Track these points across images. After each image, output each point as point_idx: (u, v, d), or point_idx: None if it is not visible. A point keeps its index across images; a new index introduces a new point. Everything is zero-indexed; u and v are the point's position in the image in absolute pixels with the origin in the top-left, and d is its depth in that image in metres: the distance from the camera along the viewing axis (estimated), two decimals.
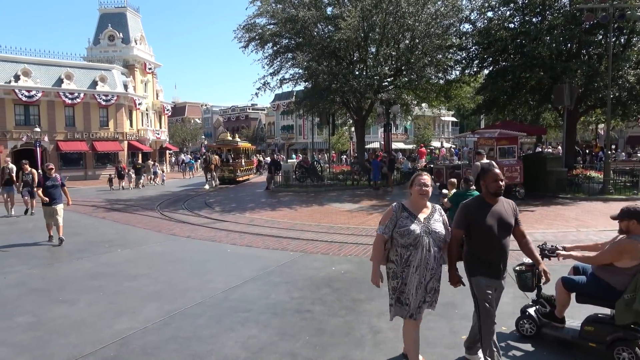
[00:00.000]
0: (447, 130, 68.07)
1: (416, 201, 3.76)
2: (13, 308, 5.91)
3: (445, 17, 19.68)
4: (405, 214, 3.70)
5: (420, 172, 3.90)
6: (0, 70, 33.53)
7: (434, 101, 25.05)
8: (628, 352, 4.00)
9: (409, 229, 3.60)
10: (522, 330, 4.80)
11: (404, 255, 3.66)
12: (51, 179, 10.20)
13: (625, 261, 4.11)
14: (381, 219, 3.80)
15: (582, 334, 4.39)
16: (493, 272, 3.84)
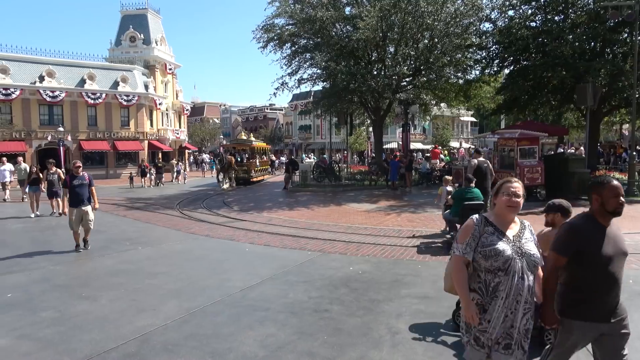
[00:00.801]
0: (466, 131, 67.37)
1: (503, 214, 2.96)
2: (37, 303, 6.05)
3: (465, 16, 19.48)
4: (490, 229, 2.92)
5: (510, 178, 3.06)
6: (26, 71, 34.36)
7: (453, 101, 24.82)
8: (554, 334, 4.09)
9: (496, 248, 2.82)
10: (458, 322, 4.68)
11: (491, 283, 2.84)
12: (78, 177, 9.30)
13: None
14: (458, 235, 3.06)
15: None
16: (598, 312, 2.98)
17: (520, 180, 12.00)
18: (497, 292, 2.81)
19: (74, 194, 9.15)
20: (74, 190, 9.15)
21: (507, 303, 2.81)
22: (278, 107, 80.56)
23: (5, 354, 4.52)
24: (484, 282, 2.87)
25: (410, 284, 6.59)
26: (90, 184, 9.44)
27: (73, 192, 9.15)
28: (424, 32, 20.22)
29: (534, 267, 2.89)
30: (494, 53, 19.95)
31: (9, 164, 19.90)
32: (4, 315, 5.59)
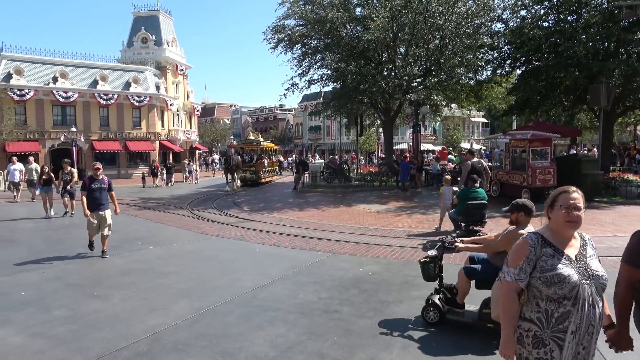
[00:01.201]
0: (477, 132, 66.91)
1: (561, 231, 2.53)
2: (50, 302, 6.12)
3: (477, 16, 19.35)
4: (548, 250, 2.48)
5: (568, 187, 2.63)
6: (40, 73, 34.82)
7: (464, 102, 24.66)
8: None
9: (560, 273, 2.38)
10: (427, 317, 5.13)
11: (554, 313, 2.40)
12: (98, 180, 8.81)
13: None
14: (509, 257, 2.60)
15: (480, 316, 4.86)
16: None
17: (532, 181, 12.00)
18: (563, 325, 2.38)
19: (92, 198, 8.67)
20: (92, 194, 8.68)
21: (578, 337, 2.38)
22: (288, 107, 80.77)
23: (19, 351, 4.58)
24: (544, 312, 2.42)
25: (420, 286, 6.54)
26: (109, 188, 8.97)
27: (91, 196, 8.67)
28: (434, 33, 20.12)
29: (603, 290, 2.46)
30: (506, 53, 19.78)
31: (20, 164, 19.90)
32: (18, 313, 5.67)
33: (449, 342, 4.71)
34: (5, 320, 5.44)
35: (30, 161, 19.43)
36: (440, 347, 4.60)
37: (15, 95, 32.69)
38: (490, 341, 4.51)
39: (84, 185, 8.81)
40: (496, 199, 15.82)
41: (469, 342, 4.68)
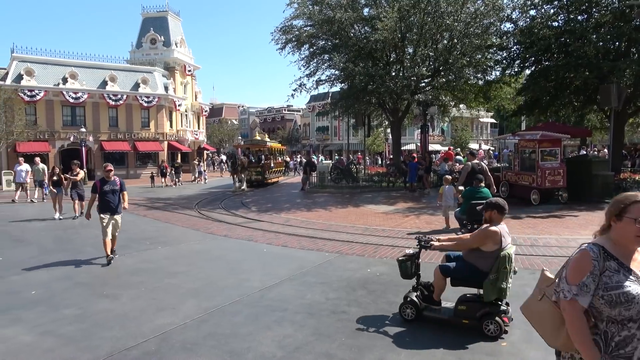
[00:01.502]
0: (486, 132, 66.56)
1: (627, 245, 2.19)
2: (60, 300, 6.17)
3: (486, 16, 19.25)
4: (612, 264, 2.15)
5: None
6: (50, 73, 35.14)
7: (473, 102, 24.53)
8: (493, 324, 4.75)
9: (628, 292, 2.06)
10: (404, 315, 5.25)
11: (614, 336, 2.11)
12: (110, 182, 8.45)
13: (489, 245, 4.85)
14: (568, 272, 2.21)
15: (456, 312, 5.03)
16: None
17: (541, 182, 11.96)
18: (625, 350, 2.09)
19: (104, 200, 8.31)
20: (104, 197, 8.32)
21: None
22: (296, 108, 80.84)
23: (29, 350, 4.62)
24: (602, 334, 2.14)
25: None
26: (121, 189, 8.61)
27: (103, 199, 8.31)
28: (443, 33, 20.04)
29: None
30: (515, 53, 19.64)
31: (26, 165, 19.87)
32: (28, 312, 5.72)
33: (458, 344, 4.67)
34: (16, 319, 5.49)
35: (36, 162, 19.37)
36: (449, 349, 4.57)
37: (25, 95, 33.02)
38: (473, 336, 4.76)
39: (94, 187, 8.39)
40: (505, 200, 15.72)
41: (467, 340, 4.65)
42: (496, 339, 4.73)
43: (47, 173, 19.58)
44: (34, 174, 19.37)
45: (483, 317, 4.82)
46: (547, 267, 6.48)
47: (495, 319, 4.76)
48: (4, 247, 10.02)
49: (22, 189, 19.37)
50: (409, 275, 5.39)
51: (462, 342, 4.68)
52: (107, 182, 8.43)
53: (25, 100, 33.14)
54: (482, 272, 4.84)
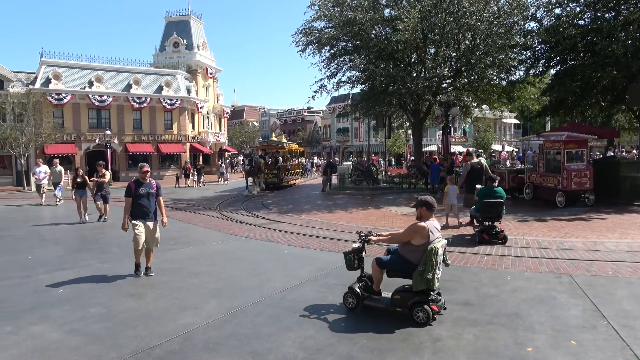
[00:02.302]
0: (509, 133, 65.48)
1: None
2: (86, 299, 6.30)
3: (509, 15, 18.93)
4: None
5: None
6: (77, 77, 36.03)
7: (496, 103, 24.15)
8: (422, 312, 5.17)
9: None
10: (347, 303, 5.73)
11: None
12: (145, 185, 7.59)
13: (417, 239, 5.31)
14: None
15: (392, 302, 5.48)
16: None
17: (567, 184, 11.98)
18: None
19: (138, 205, 7.45)
20: (139, 201, 7.46)
21: None
22: (316, 110, 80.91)
23: (56, 347, 4.73)
24: None
25: (451, 290, 6.45)
26: (158, 193, 7.76)
27: (138, 203, 7.45)
28: (465, 33, 19.80)
29: None
30: (540, 53, 19.25)
31: (44, 166, 19.86)
32: (56, 310, 5.86)
33: (483, 348, 4.60)
34: (44, 317, 5.63)
35: (55, 164, 19.25)
36: (475, 354, 4.50)
37: (53, 99, 33.94)
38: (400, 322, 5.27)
39: (128, 190, 7.48)
40: (529, 203, 15.45)
41: (513, 350, 4.57)
42: (424, 326, 5.15)
43: (63, 175, 19.66)
44: (52, 176, 19.23)
45: (413, 305, 5.25)
46: (573, 271, 6.42)
47: (424, 307, 5.18)
48: (33, 246, 10.30)
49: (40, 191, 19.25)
50: (353, 267, 5.89)
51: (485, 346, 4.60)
52: (142, 184, 7.58)
53: (53, 104, 34.06)
54: (413, 264, 5.30)
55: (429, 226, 5.32)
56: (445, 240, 5.59)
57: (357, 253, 5.86)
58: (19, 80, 34.46)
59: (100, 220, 13.61)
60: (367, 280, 5.82)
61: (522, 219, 12.39)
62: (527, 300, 5.95)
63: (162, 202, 7.90)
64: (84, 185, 14.15)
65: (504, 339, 4.78)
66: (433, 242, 5.26)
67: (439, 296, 5.38)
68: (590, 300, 5.87)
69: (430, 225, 5.37)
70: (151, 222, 7.53)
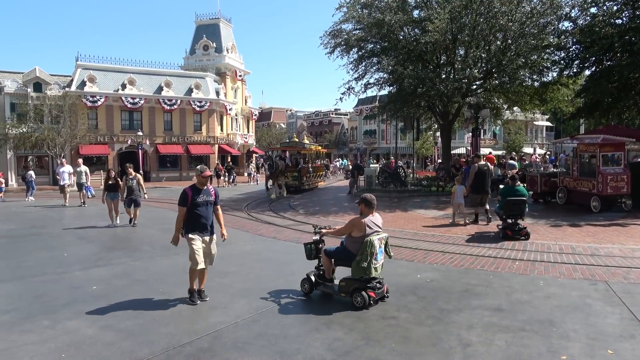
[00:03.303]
0: (541, 136, 63.91)
1: None
2: (120, 296, 6.46)
3: (542, 15, 18.49)
4: None
5: None
6: (111, 80, 37.08)
7: (527, 105, 23.59)
8: (360, 297, 5.80)
9: None
10: (303, 289, 6.43)
11: None
12: (203, 192, 6.25)
13: (356, 232, 5.94)
14: None
15: (339, 288, 6.14)
16: None
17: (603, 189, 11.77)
18: None
19: (196, 216, 6.18)
20: (196, 211, 6.17)
21: None
22: (343, 112, 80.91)
23: (91, 342, 4.86)
24: None
25: (481, 295, 6.34)
26: (216, 202, 6.48)
27: (195, 214, 6.17)
28: (496, 34, 19.45)
29: None
30: (574, 53, 18.73)
31: (68, 166, 19.64)
32: (91, 306, 6.02)
33: (516, 355, 4.50)
34: (79, 312, 5.79)
35: (79, 163, 19.11)
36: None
37: (88, 101, 35.04)
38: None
39: (184, 198, 6.15)
40: (562, 207, 15.04)
41: (547, 358, 4.46)
42: (361, 309, 5.74)
43: (88, 175, 19.45)
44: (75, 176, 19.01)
45: (354, 291, 5.89)
46: (609, 278, 6.26)
47: (361, 293, 5.81)
48: (69, 243, 10.64)
49: (64, 191, 18.97)
50: (311, 257, 6.55)
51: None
52: (200, 191, 6.23)
53: (88, 106, 35.17)
54: (353, 254, 5.93)
55: (366, 221, 5.94)
56: (386, 234, 6.18)
57: (316, 244, 6.51)
58: (56, 83, 35.70)
59: (130, 224, 13.14)
60: (322, 269, 6.43)
61: (554, 224, 12.08)
62: (561, 307, 5.79)
63: (220, 212, 6.73)
64: (115, 187, 13.50)
65: (537, 346, 4.66)
66: (370, 235, 5.86)
67: (379, 284, 6.01)
68: (628, 309, 5.67)
69: (369, 220, 5.98)
70: (208, 236, 6.34)
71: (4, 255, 9.44)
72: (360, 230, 5.89)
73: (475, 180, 12.44)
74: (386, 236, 6.13)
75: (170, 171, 39.27)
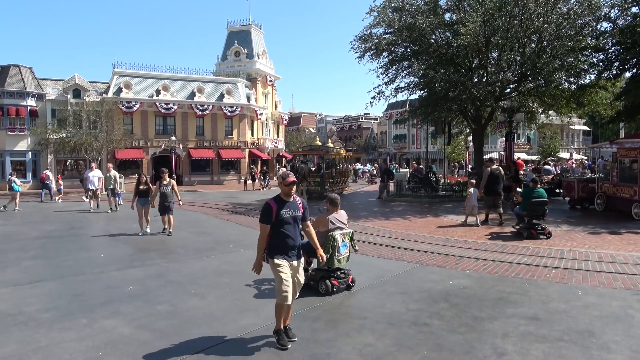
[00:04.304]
0: (578, 140, 62.03)
1: None
2: (154, 297, 6.60)
3: (580, 16, 17.93)
4: None
5: None
6: (145, 86, 38.08)
7: (564, 108, 22.90)
8: (324, 285, 6.63)
9: None
10: None
11: None
12: (289, 204, 4.97)
13: (321, 227, 6.74)
14: None
15: (310, 277, 6.83)
16: None
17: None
18: None
19: (281, 235, 4.88)
20: (282, 229, 4.89)
21: None
22: (372, 116, 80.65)
23: (127, 341, 4.98)
24: None
25: (517, 303, 6.17)
26: (304, 216, 5.16)
27: (280, 233, 4.89)
28: (531, 36, 18.97)
29: None
30: (614, 55, 18.11)
31: (98, 170, 19.16)
32: (127, 306, 6.18)
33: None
34: (116, 312, 5.95)
35: (109, 168, 18.61)
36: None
37: (124, 107, 36.06)
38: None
39: (267, 212, 4.90)
40: (601, 214, 14.54)
41: None
42: (325, 296, 6.52)
43: (118, 180, 18.75)
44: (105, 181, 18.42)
45: (319, 279, 6.69)
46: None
47: (325, 281, 6.61)
48: (105, 244, 10.95)
49: (94, 197, 18.51)
50: None
51: None
52: (285, 203, 4.95)
53: (124, 111, 36.20)
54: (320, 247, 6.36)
55: (330, 217, 6.78)
56: (351, 230, 7.05)
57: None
58: (93, 89, 36.93)
59: (165, 234, 12.29)
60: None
61: (593, 231, 11.67)
62: (601, 318, 5.58)
63: (312, 229, 5.45)
64: (147, 193, 12.63)
65: (576, 357, 4.50)
66: (333, 231, 6.67)
67: (343, 274, 6.82)
68: None
69: (332, 217, 6.82)
70: (296, 260, 4.96)
71: (45, 254, 9.80)
72: (325, 226, 6.72)
73: (488, 182, 13.34)
74: (350, 232, 6.99)
75: (202, 175, 39.94)
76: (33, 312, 5.95)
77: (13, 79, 33.87)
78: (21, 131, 33.79)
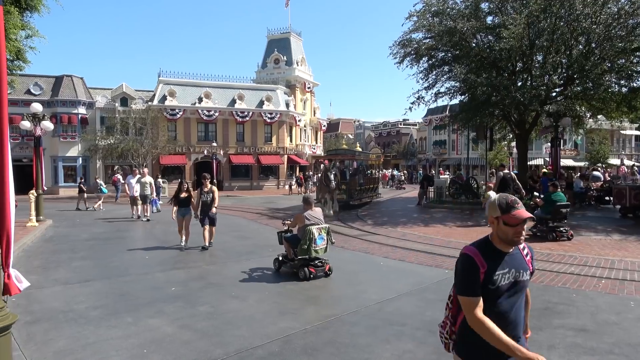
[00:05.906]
0: (629, 146, 59.08)
1: None
2: (196, 298, 6.75)
3: (631, 16, 17.13)
4: None
5: None
6: (189, 94, 39.25)
7: (614, 112, 21.90)
8: (302, 272, 7.73)
9: None
10: (274, 266, 8.55)
11: None
12: (511, 259, 2.47)
13: (299, 223, 8.00)
14: None
15: (294, 267, 8.03)
16: None
17: None
18: None
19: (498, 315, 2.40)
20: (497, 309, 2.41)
21: None
22: (412, 122, 79.72)
23: (170, 340, 5.12)
24: None
25: (563, 314, 5.94)
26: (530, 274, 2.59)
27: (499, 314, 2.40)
28: (578, 37, 18.29)
29: None
30: None
31: (139, 176, 17.48)
32: (170, 306, 6.35)
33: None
34: (160, 311, 6.13)
35: (143, 173, 17.49)
36: None
37: (168, 114, 37.26)
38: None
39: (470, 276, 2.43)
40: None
41: None
42: (303, 281, 7.63)
43: (153, 187, 17.92)
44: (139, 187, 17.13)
45: (300, 267, 7.84)
46: None
47: (304, 269, 7.75)
48: (151, 246, 11.31)
49: (135, 203, 17.45)
50: (280, 242, 8.69)
51: None
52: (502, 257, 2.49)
53: (168, 118, 37.42)
54: (299, 239, 7.92)
55: (306, 214, 7.97)
56: (327, 225, 8.28)
57: (285, 233, 8.64)
58: (140, 97, 38.36)
59: (206, 248, 10.70)
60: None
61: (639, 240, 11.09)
62: None
63: (529, 298, 2.75)
64: (188, 202, 11.12)
65: None
66: (310, 226, 7.79)
67: (320, 263, 8.01)
68: None
69: (308, 213, 8.01)
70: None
71: (94, 255, 10.23)
72: (301, 222, 7.95)
73: (500, 186, 14.32)
74: (327, 226, 8.21)
75: (242, 180, 40.67)
76: (82, 310, 6.21)
77: (66, 88, 35.70)
78: (72, 138, 35.55)
